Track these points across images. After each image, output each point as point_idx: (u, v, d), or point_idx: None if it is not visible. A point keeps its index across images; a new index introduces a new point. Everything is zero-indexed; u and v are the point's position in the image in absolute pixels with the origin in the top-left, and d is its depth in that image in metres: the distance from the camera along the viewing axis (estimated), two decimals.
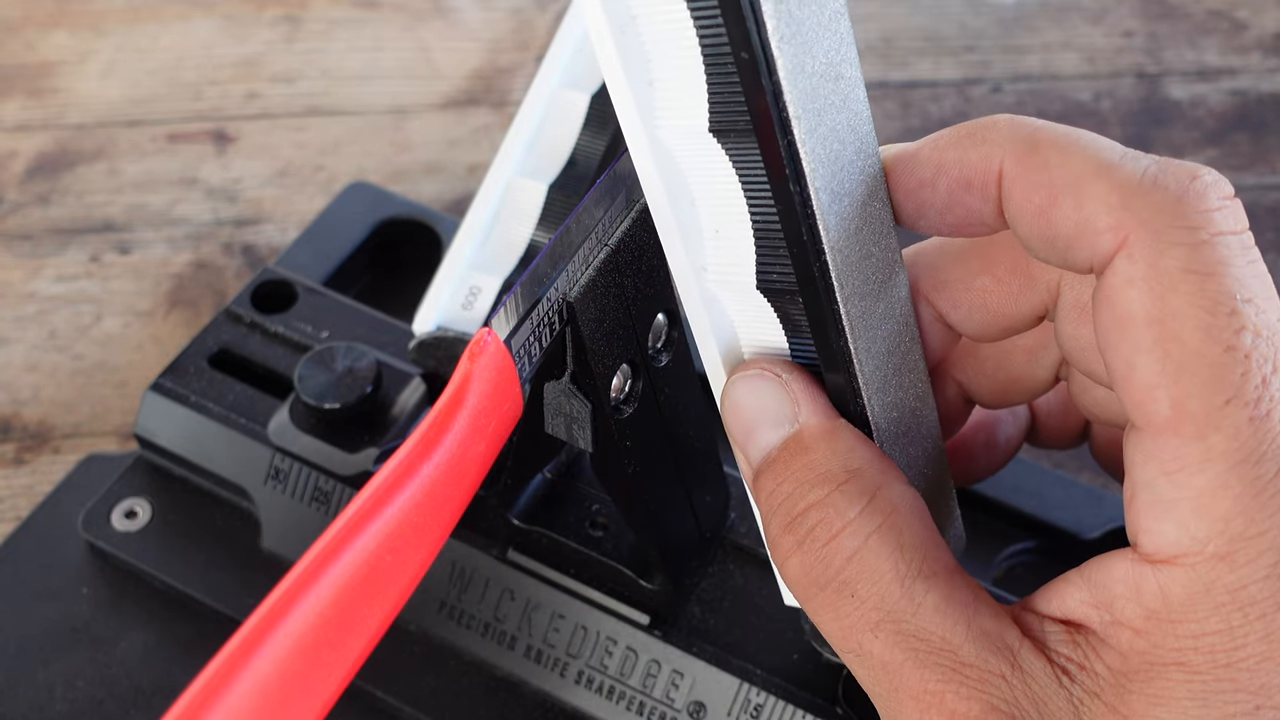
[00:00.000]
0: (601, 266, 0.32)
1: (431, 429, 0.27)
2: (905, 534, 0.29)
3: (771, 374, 0.31)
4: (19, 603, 0.44)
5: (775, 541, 0.30)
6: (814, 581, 0.29)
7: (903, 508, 0.29)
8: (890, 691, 0.29)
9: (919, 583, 0.28)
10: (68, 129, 0.62)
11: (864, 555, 0.29)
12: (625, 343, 0.33)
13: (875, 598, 0.28)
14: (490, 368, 0.28)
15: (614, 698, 0.40)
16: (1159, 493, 0.26)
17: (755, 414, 0.31)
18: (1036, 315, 0.32)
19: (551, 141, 0.42)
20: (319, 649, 0.26)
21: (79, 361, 0.54)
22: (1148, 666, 0.27)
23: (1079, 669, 0.28)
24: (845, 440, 0.30)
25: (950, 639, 0.28)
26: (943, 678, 0.28)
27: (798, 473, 0.30)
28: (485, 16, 0.68)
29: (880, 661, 0.28)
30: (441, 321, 0.42)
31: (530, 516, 0.40)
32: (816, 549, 0.29)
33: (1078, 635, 0.28)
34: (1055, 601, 0.29)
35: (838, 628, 0.29)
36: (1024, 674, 0.28)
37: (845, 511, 0.29)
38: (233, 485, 0.44)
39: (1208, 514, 0.26)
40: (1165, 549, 0.27)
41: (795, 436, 0.30)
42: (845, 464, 0.29)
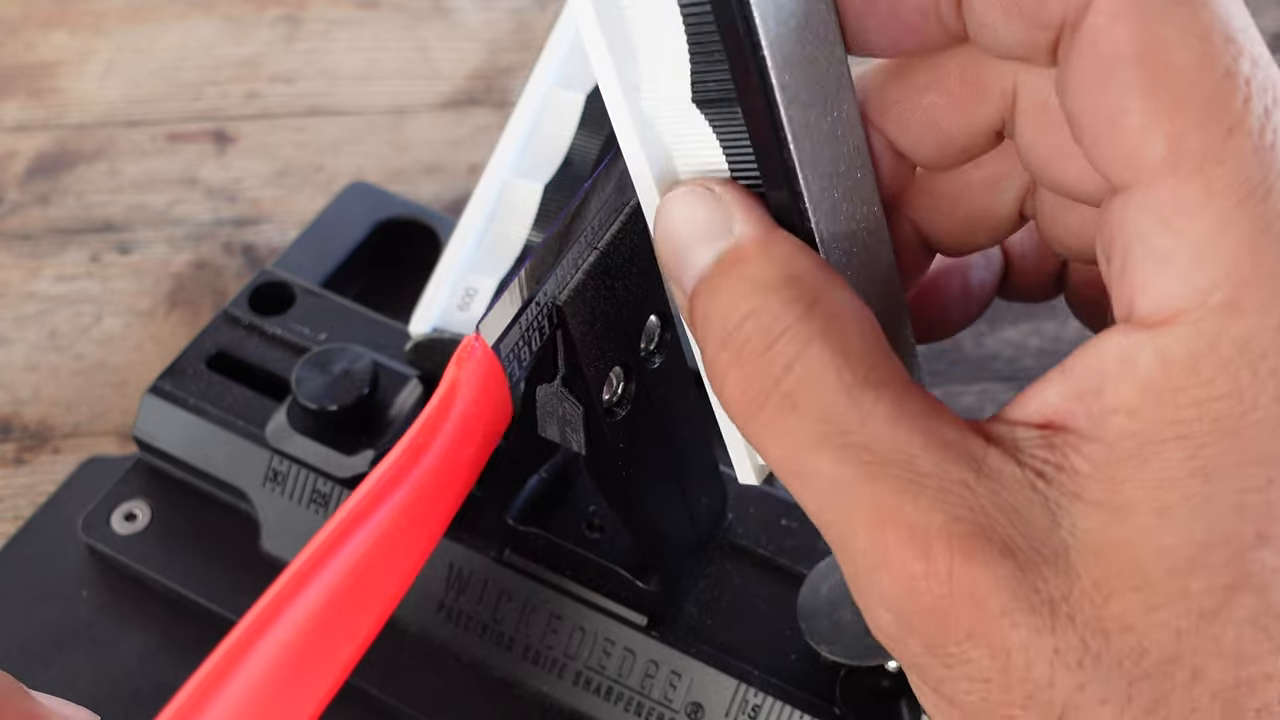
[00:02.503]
0: (591, 269, 0.32)
1: (420, 434, 0.27)
2: (851, 341, 0.26)
3: (704, 188, 0.28)
4: (19, 605, 0.44)
5: (711, 363, 0.27)
6: (752, 398, 0.26)
7: (847, 314, 0.26)
8: (840, 515, 0.26)
9: (867, 391, 0.25)
10: (68, 129, 0.62)
11: (804, 363, 0.26)
12: (617, 345, 0.33)
13: (818, 409, 0.25)
14: (478, 373, 0.28)
15: (612, 698, 0.40)
16: (1155, 245, 0.24)
17: (687, 232, 0.28)
18: (992, 130, 0.29)
19: (546, 141, 0.42)
20: (311, 651, 0.26)
21: (79, 361, 0.54)
22: (1142, 448, 0.24)
23: (1056, 469, 0.25)
24: (784, 247, 0.27)
25: (904, 449, 0.25)
26: (897, 489, 0.25)
27: (733, 284, 0.27)
28: (485, 16, 0.68)
29: (826, 480, 0.25)
30: (438, 323, 0.42)
31: (527, 518, 0.40)
32: (753, 360, 0.26)
33: (1054, 436, 0.25)
34: (1031, 403, 0.26)
35: (780, 449, 0.26)
36: (991, 481, 0.25)
37: (783, 317, 0.26)
38: (231, 488, 0.44)
39: (1212, 257, 0.23)
40: (1164, 306, 0.24)
41: (731, 248, 0.27)
42: (784, 270, 0.26)
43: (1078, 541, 0.24)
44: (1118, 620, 0.24)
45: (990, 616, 0.24)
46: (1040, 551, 0.24)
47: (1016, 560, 0.24)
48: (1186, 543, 0.24)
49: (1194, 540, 0.24)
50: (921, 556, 0.25)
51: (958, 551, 0.24)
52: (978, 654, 0.25)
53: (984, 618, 0.24)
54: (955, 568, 0.24)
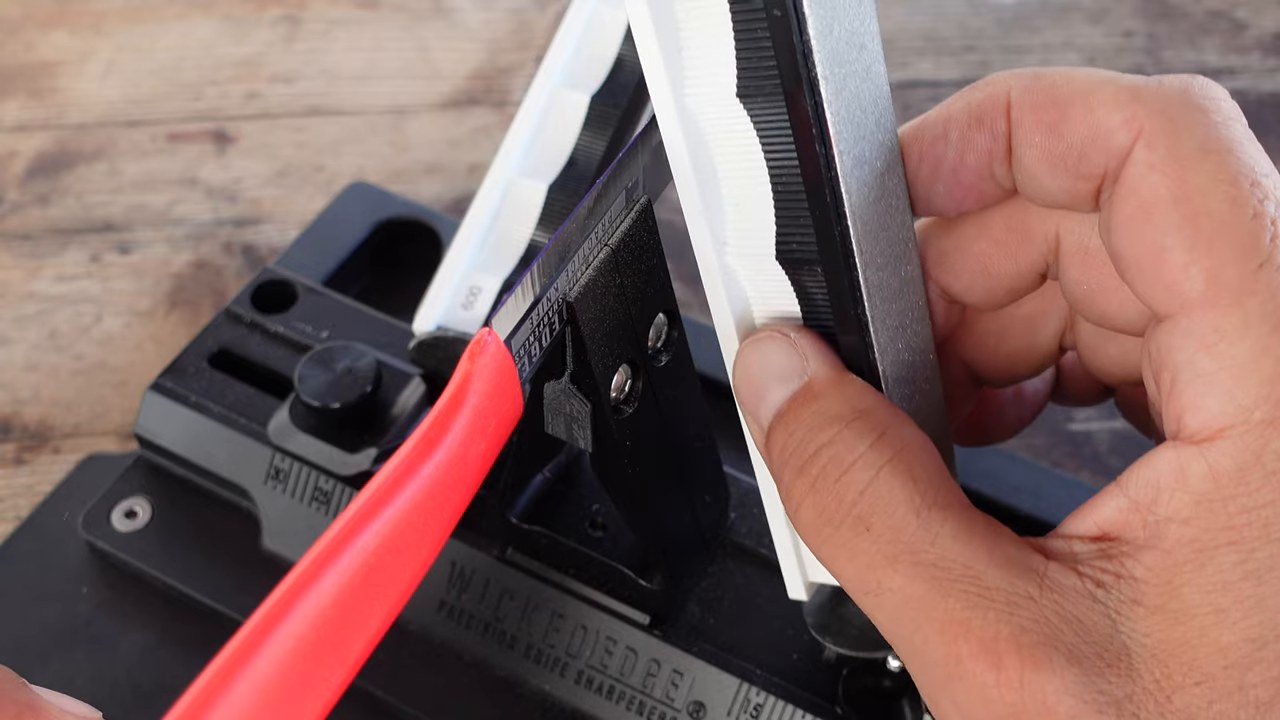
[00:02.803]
0: (601, 266, 0.32)
1: (432, 429, 0.27)
2: (917, 468, 0.28)
3: (780, 334, 0.31)
4: (19, 602, 0.44)
5: (788, 490, 0.30)
6: (828, 521, 0.29)
7: (913, 444, 0.29)
8: (913, 628, 0.27)
9: (934, 512, 0.28)
10: (68, 129, 0.62)
11: (876, 488, 0.28)
12: (625, 342, 0.33)
13: (891, 530, 0.28)
14: (490, 368, 0.28)
15: (614, 697, 0.40)
16: (1200, 368, 0.26)
17: (764, 374, 0.30)
18: (1037, 272, 0.32)
19: (551, 141, 0.42)
20: (320, 649, 0.26)
21: (79, 361, 0.54)
22: (1197, 554, 0.26)
23: (1115, 578, 0.27)
24: (854, 386, 0.30)
25: (972, 565, 0.27)
26: (968, 604, 0.27)
27: (807, 419, 0.29)
28: (485, 16, 0.68)
29: (900, 596, 0.27)
30: (442, 321, 0.42)
31: (530, 516, 0.40)
32: (829, 486, 0.29)
33: (1111, 547, 0.27)
34: (1088, 518, 0.28)
35: (854, 568, 0.28)
36: (1053, 593, 0.27)
37: (855, 446, 0.29)
38: (233, 485, 0.44)
39: (1253, 379, 0.26)
40: (1211, 424, 0.26)
41: (804, 387, 0.30)
42: (854, 406, 0.29)
43: (1138, 645, 0.26)
44: (1180, 714, 0.26)
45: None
46: (1103, 656, 0.26)
47: (1082, 666, 0.26)
48: (1242, 640, 0.26)
49: (1249, 638, 0.26)
50: (994, 667, 0.26)
51: (1027, 661, 0.26)
52: None
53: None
54: (1025, 676, 0.26)
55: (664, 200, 0.34)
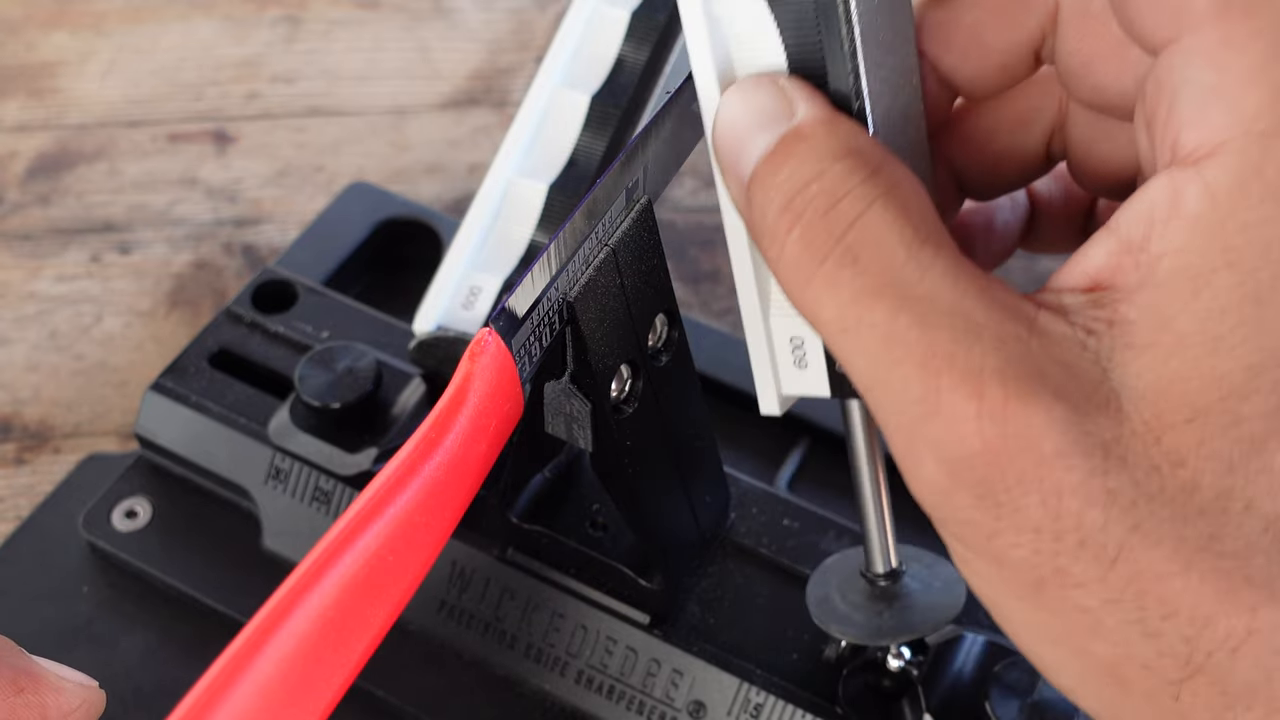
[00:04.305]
0: (601, 266, 0.32)
1: (433, 429, 0.28)
2: (911, 205, 0.27)
3: (767, 79, 0.29)
4: (19, 602, 0.44)
5: (772, 230, 0.28)
6: (813, 255, 0.27)
7: (907, 184, 0.27)
8: (891, 364, 0.26)
9: (926, 249, 0.26)
10: (68, 129, 0.62)
11: (868, 220, 0.26)
12: (625, 342, 0.33)
13: (879, 263, 0.26)
14: (491, 368, 0.28)
15: (614, 697, 0.40)
16: (1202, 82, 0.25)
17: (748, 120, 0.29)
18: (1032, 47, 0.30)
19: (551, 141, 0.42)
20: (322, 649, 0.26)
21: (79, 361, 0.54)
22: (1193, 280, 0.24)
23: (1106, 324, 0.25)
24: (846, 125, 0.28)
25: (960, 302, 0.26)
26: (953, 337, 0.25)
27: (798, 155, 0.28)
28: (485, 17, 0.68)
29: (882, 331, 0.26)
30: (442, 321, 0.42)
31: (530, 516, 0.40)
32: (816, 219, 0.27)
33: (1103, 295, 0.26)
34: (1078, 267, 0.26)
35: (835, 303, 0.27)
36: (1043, 336, 0.25)
37: (848, 180, 0.27)
38: (233, 485, 0.45)
39: (1260, 86, 0.24)
40: (1211, 138, 0.24)
41: (792, 130, 0.28)
42: (848, 143, 0.28)
43: (1128, 388, 0.25)
44: (1169, 457, 0.24)
45: (1044, 458, 0.25)
46: (1091, 399, 0.25)
47: (1070, 404, 0.25)
48: (1239, 368, 0.24)
49: (1246, 365, 0.24)
50: (975, 396, 0.25)
51: (1012, 392, 0.25)
52: (1028, 500, 0.25)
53: (1037, 460, 0.25)
54: (1009, 407, 0.25)
55: (664, 200, 0.34)
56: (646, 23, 0.43)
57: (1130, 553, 0.24)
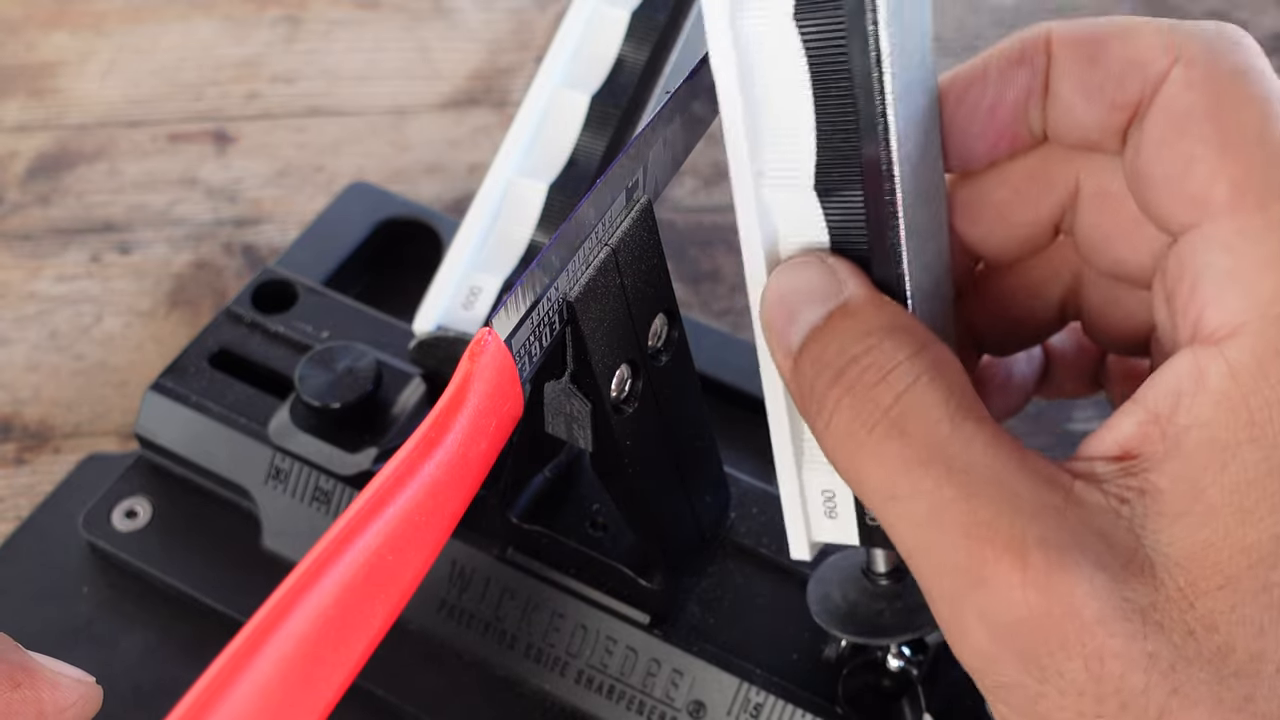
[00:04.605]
0: (601, 266, 0.32)
1: (433, 429, 0.28)
2: (953, 380, 0.28)
3: (816, 258, 0.31)
4: (19, 602, 0.44)
5: (820, 400, 0.29)
6: (862, 425, 0.28)
7: (949, 360, 0.29)
8: (938, 533, 0.27)
9: (969, 423, 0.28)
10: (68, 129, 0.62)
11: (914, 394, 0.28)
12: (625, 342, 0.33)
13: (925, 434, 0.28)
14: (491, 367, 0.28)
15: (614, 697, 0.40)
16: (1221, 268, 0.27)
17: (798, 295, 0.30)
18: (1053, 222, 0.32)
19: (551, 141, 0.42)
20: (322, 648, 0.26)
21: (79, 361, 0.54)
22: (1219, 454, 0.26)
23: (1138, 494, 0.27)
24: (892, 305, 0.30)
25: (1001, 474, 0.27)
26: (996, 510, 0.26)
27: (845, 331, 0.29)
28: (485, 17, 0.68)
29: (928, 501, 0.27)
30: (442, 321, 0.42)
31: (530, 516, 0.40)
32: (865, 391, 0.28)
33: (1133, 464, 0.27)
34: (1108, 436, 0.28)
35: (883, 473, 0.28)
36: (1079, 507, 0.27)
37: (895, 355, 0.28)
38: (233, 485, 0.45)
39: (1272, 275, 0.26)
40: (1230, 320, 0.26)
41: (841, 305, 0.30)
42: (895, 320, 0.29)
43: (1161, 555, 0.26)
44: (1204, 621, 0.26)
45: (1086, 625, 0.26)
46: (1128, 567, 0.26)
47: (1108, 573, 0.26)
48: (1267, 538, 0.26)
49: (1274, 535, 0.26)
50: (1020, 567, 0.26)
51: (1054, 563, 0.26)
52: (1072, 665, 0.26)
53: (1080, 626, 0.26)
54: (1052, 577, 0.26)
55: (664, 200, 0.34)
56: (646, 23, 0.43)
57: (1170, 715, 0.26)
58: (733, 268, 0.56)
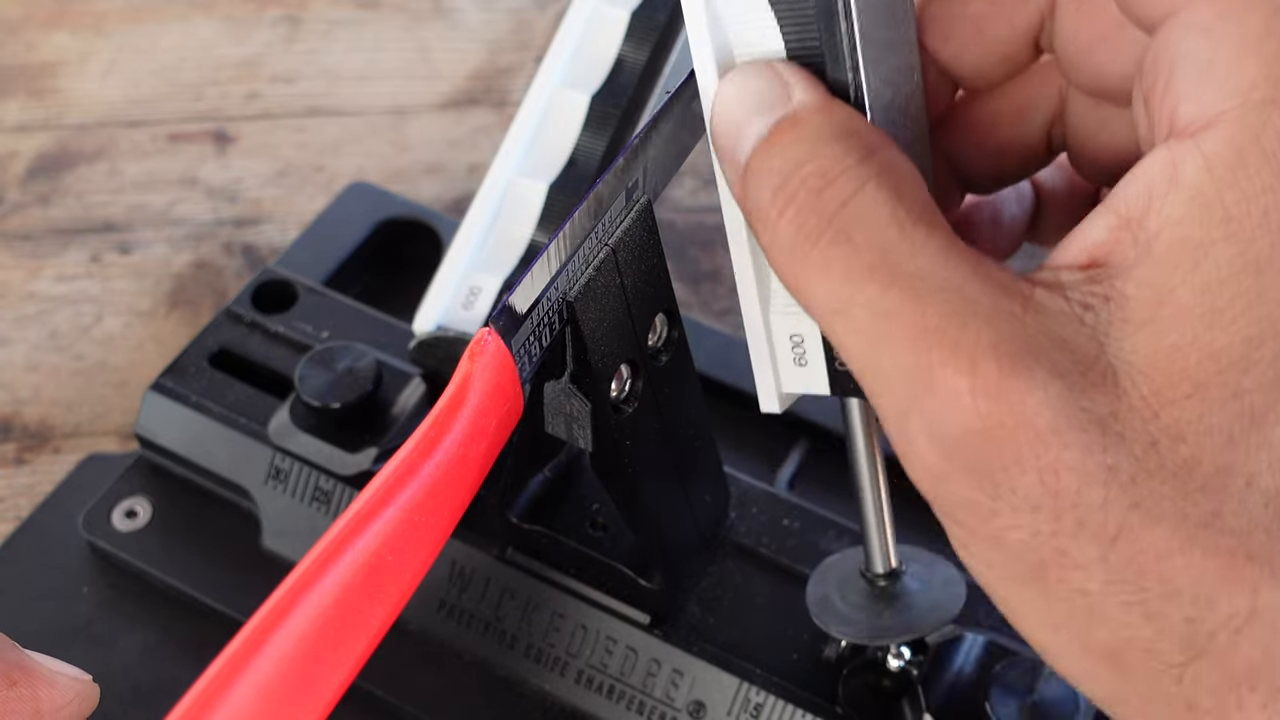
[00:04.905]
0: (601, 266, 0.32)
1: (432, 429, 0.28)
2: (904, 187, 0.27)
3: (764, 65, 0.29)
4: (19, 602, 0.44)
5: (765, 211, 0.27)
6: (806, 236, 0.27)
7: (901, 167, 0.27)
8: (883, 343, 0.26)
9: (920, 228, 0.26)
10: (68, 129, 0.62)
11: (860, 199, 0.26)
12: (625, 342, 0.33)
13: (871, 241, 0.26)
14: (491, 367, 0.28)
15: (614, 697, 0.40)
16: (1198, 56, 0.25)
17: (745, 106, 0.28)
18: (1031, 34, 0.30)
19: (551, 141, 0.42)
20: (321, 649, 0.26)
21: (79, 361, 0.54)
22: (1192, 253, 0.24)
23: (1103, 300, 0.25)
24: (842, 110, 0.28)
25: (954, 279, 0.25)
26: (945, 312, 0.25)
27: (792, 139, 0.28)
28: (485, 17, 0.68)
29: (873, 309, 0.26)
30: (442, 321, 0.42)
31: (530, 516, 0.40)
32: (810, 198, 0.27)
33: (1100, 272, 0.25)
34: (1074, 243, 0.26)
35: (827, 283, 0.26)
36: (1038, 312, 0.25)
37: (841, 160, 0.27)
38: (233, 485, 0.45)
39: (1253, 58, 0.24)
40: (1207, 110, 0.24)
41: (789, 115, 0.28)
42: (843, 126, 0.27)
43: (1124, 363, 0.25)
44: (1169, 431, 0.24)
45: (1040, 435, 0.24)
46: (1087, 375, 0.24)
47: (1065, 380, 0.24)
48: (1239, 340, 0.24)
49: (1246, 337, 0.24)
50: (968, 372, 0.25)
51: (1006, 368, 0.24)
52: (1026, 480, 0.24)
53: (1033, 437, 0.24)
54: (1004, 383, 0.24)
55: (664, 200, 0.34)
56: (646, 23, 0.43)
57: (1130, 531, 0.24)
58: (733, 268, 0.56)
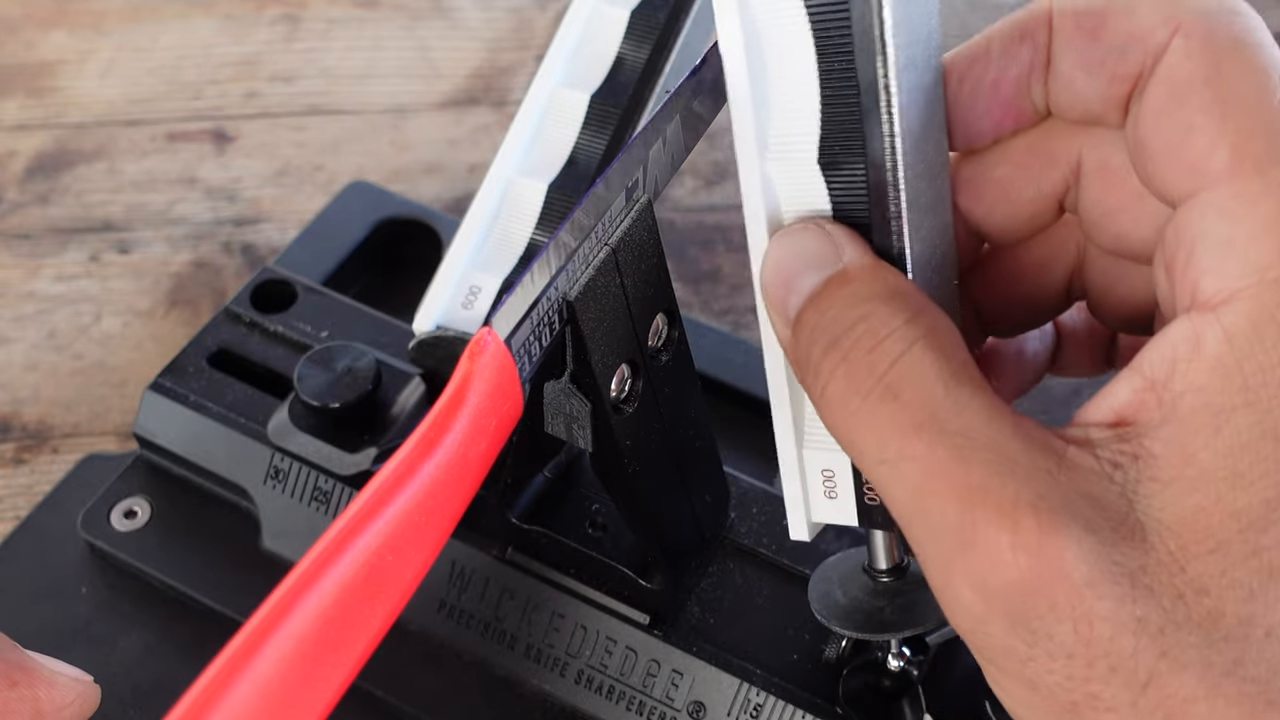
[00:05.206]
0: (601, 266, 0.32)
1: (432, 428, 0.27)
2: (949, 347, 0.28)
3: (815, 224, 0.31)
4: (18, 602, 0.44)
5: (817, 367, 0.29)
6: (856, 391, 0.28)
7: (946, 327, 0.29)
8: (930, 497, 0.27)
9: (964, 388, 0.28)
10: (67, 128, 0.62)
11: (909, 360, 0.28)
12: (625, 342, 0.33)
13: (919, 399, 0.28)
14: (491, 367, 0.28)
15: (614, 697, 0.40)
16: (1218, 235, 0.27)
17: (796, 262, 0.30)
18: (1056, 198, 0.32)
19: (551, 141, 0.42)
20: (321, 649, 0.26)
21: (78, 361, 0.54)
22: (1213, 419, 0.26)
23: (1131, 459, 0.27)
24: (890, 271, 0.30)
25: (995, 438, 0.27)
26: (988, 472, 0.27)
27: (842, 298, 0.29)
28: (485, 16, 0.68)
29: (921, 465, 0.27)
30: (441, 321, 0.42)
31: (530, 516, 0.40)
32: (860, 357, 0.28)
33: (1128, 430, 0.27)
34: (1104, 403, 0.28)
35: (876, 437, 0.28)
36: (1072, 470, 0.27)
37: (890, 321, 0.29)
38: (232, 485, 0.44)
39: (1269, 240, 0.26)
40: (1226, 286, 0.26)
41: (839, 272, 0.30)
42: (891, 287, 0.29)
43: (1153, 520, 0.26)
44: (1193, 585, 0.26)
45: (1075, 587, 0.26)
46: (1118, 530, 0.26)
47: (1098, 536, 0.26)
48: (1258, 502, 0.26)
49: (1265, 499, 0.26)
50: (1010, 529, 0.26)
51: (1045, 525, 0.26)
52: (1061, 629, 0.26)
53: (1069, 589, 0.26)
54: (1043, 539, 0.26)
55: (664, 200, 0.34)
56: (646, 22, 0.43)
57: (1159, 678, 0.26)
58: (733, 267, 0.56)
